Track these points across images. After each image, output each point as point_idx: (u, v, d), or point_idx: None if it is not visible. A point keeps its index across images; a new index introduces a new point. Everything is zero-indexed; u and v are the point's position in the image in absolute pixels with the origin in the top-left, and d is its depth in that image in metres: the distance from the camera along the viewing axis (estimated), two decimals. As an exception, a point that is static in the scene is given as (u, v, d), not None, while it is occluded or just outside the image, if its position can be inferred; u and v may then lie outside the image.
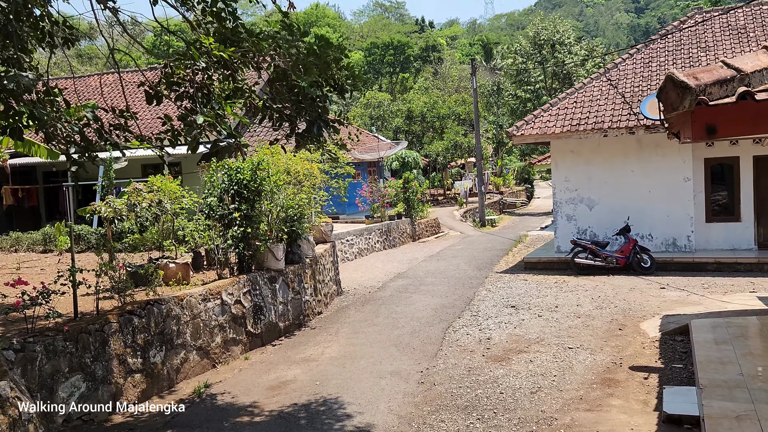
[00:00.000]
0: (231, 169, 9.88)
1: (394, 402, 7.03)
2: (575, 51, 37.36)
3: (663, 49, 16.31)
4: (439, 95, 40.54)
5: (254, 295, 9.74)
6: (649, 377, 7.39)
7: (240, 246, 9.80)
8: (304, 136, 5.83)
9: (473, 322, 10.46)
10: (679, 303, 11.04)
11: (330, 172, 13.19)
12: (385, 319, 10.96)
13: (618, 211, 15.14)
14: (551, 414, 6.45)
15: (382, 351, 9.06)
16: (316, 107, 5.66)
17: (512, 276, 14.63)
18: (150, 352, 7.60)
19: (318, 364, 8.59)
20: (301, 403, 7.12)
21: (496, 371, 7.88)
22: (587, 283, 13.20)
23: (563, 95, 16.18)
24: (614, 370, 7.72)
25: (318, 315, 11.70)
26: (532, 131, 15.34)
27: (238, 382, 8.04)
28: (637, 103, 14.71)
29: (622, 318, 10.20)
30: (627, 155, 15.19)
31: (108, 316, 7.13)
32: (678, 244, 14.83)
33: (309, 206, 11.28)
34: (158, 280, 8.74)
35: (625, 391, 7.00)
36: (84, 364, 6.68)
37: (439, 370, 8.06)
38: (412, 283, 14.26)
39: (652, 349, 8.48)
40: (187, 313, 8.31)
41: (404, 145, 30.06)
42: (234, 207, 9.75)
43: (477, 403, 6.87)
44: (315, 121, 5.67)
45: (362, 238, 19.80)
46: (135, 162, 19.26)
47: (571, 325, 9.95)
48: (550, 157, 30.67)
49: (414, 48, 74.83)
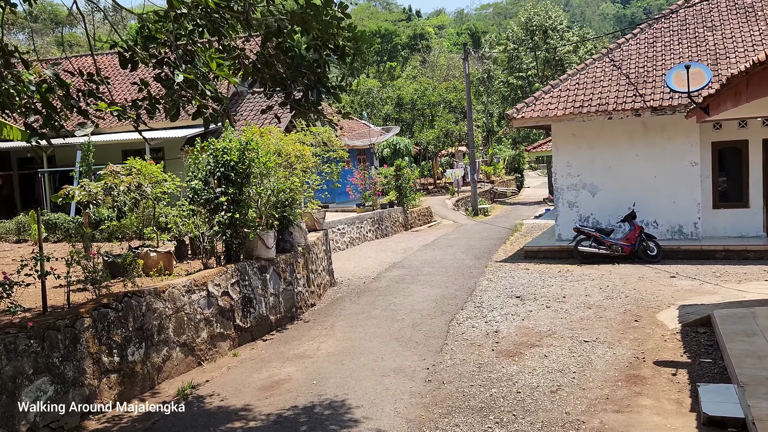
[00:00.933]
0: (217, 149, 9.10)
1: (401, 403, 6.35)
2: (567, 37, 36.72)
3: (667, 29, 15.68)
4: (430, 82, 39.72)
5: (243, 286, 8.99)
6: (677, 373, 6.77)
7: (227, 233, 9.04)
8: (301, 104, 5.09)
9: (478, 313, 9.81)
10: (693, 292, 10.46)
11: (322, 156, 12.42)
12: (383, 312, 10.27)
13: (622, 197, 14.54)
14: (577, 416, 5.80)
15: (382, 346, 8.37)
16: (314, 70, 4.93)
17: (513, 265, 14.00)
18: (128, 350, 6.84)
19: (314, 361, 7.88)
20: (300, 406, 6.41)
21: (509, 368, 7.23)
22: (592, 272, 12.60)
23: (564, 76, 15.52)
24: (638, 365, 7.10)
25: (311, 307, 10.98)
26: (532, 114, 14.67)
27: (226, 382, 7.31)
28: (642, 84, 14.09)
29: (636, 308, 9.60)
30: (632, 139, 14.58)
31: (80, 311, 6.36)
32: (684, 232, 14.27)
33: (301, 191, 10.52)
34: (137, 270, 7.97)
35: (654, 389, 6.37)
36: (52, 364, 5.91)
37: (446, 367, 7.39)
38: (409, 273, 13.58)
39: (674, 342, 7.87)
40: (169, 307, 7.55)
41: (396, 131, 29.28)
42: (220, 191, 8.98)
43: (493, 404, 6.21)
44: (314, 86, 4.93)
45: (354, 226, 19.08)
46: (115, 147, 18.37)
47: (582, 316, 9.32)
48: (545, 144, 30.22)
49: (402, 36, 73.81)
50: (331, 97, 5.12)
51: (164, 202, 9.98)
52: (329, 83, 5.06)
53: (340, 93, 5.12)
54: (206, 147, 9.30)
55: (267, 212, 9.76)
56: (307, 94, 4.99)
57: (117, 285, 7.82)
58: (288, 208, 10.16)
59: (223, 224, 8.95)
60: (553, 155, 15.67)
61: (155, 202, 9.64)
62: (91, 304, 6.63)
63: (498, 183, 39.64)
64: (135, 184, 9.18)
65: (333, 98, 5.15)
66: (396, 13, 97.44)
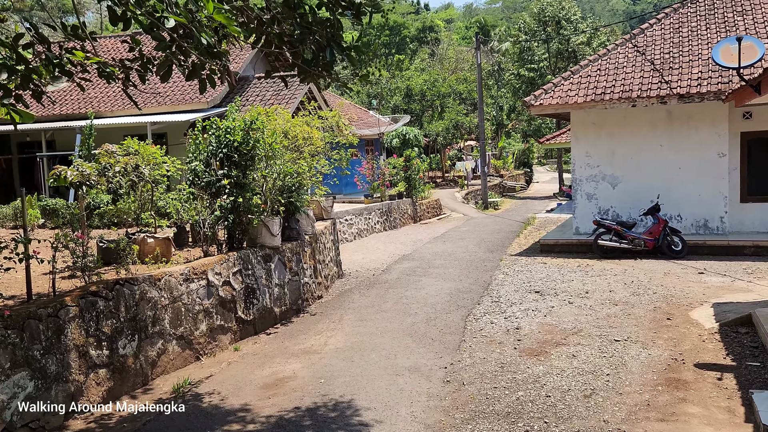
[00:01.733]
0: (220, 128, 8.48)
1: (418, 406, 5.74)
2: (581, 28, 35.88)
3: (694, 14, 14.95)
4: (439, 73, 38.94)
5: (246, 276, 8.39)
6: (722, 378, 6.13)
7: (229, 218, 8.43)
8: (312, 65, 4.45)
9: (496, 308, 9.18)
10: (726, 290, 9.80)
11: (331, 141, 11.77)
12: (394, 305, 9.65)
13: (643, 189, 13.85)
14: (617, 425, 5.17)
15: (395, 342, 7.76)
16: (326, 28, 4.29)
17: (529, 259, 13.35)
18: (119, 343, 6.25)
19: (321, 357, 7.27)
20: (304, 407, 5.81)
21: (535, 368, 6.60)
22: (614, 267, 11.94)
23: (585, 62, 14.80)
24: (677, 368, 6.46)
25: (318, 299, 10.37)
26: (551, 101, 13.98)
27: (226, 379, 6.71)
28: (668, 71, 13.39)
29: (666, 306, 8.95)
30: (655, 128, 13.88)
31: (65, 299, 5.77)
32: (710, 226, 13.58)
33: (309, 175, 9.89)
34: (132, 256, 7.37)
35: (699, 395, 5.73)
36: (32, 357, 5.32)
37: (465, 366, 6.77)
38: (420, 266, 12.95)
39: (713, 343, 7.22)
40: (165, 296, 6.95)
41: (406, 120, 28.56)
42: (223, 173, 8.36)
43: (520, 408, 5.59)
44: (327, 44, 4.29)
45: (362, 217, 18.45)
46: (117, 131, 17.76)
47: (609, 313, 8.68)
48: (558, 136, 29.46)
49: (410, 29, 72.91)
50: (346, 59, 4.48)
51: (163, 185, 9.38)
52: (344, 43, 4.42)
53: (356, 56, 4.48)
54: (208, 126, 8.68)
55: (272, 197, 9.14)
56: (318, 55, 4.36)
57: (111, 273, 7.24)
58: (295, 193, 9.54)
59: (225, 209, 8.34)
60: (572, 145, 14.98)
61: (153, 185, 9.03)
62: (78, 291, 6.04)
63: (507, 177, 38.88)
64: (132, 166, 8.57)
65: (348, 60, 4.52)
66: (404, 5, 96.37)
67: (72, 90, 18.49)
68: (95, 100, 17.76)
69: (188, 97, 16.81)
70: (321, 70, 4.50)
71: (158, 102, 16.88)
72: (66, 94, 18.42)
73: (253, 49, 4.74)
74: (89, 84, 13.10)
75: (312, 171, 10.04)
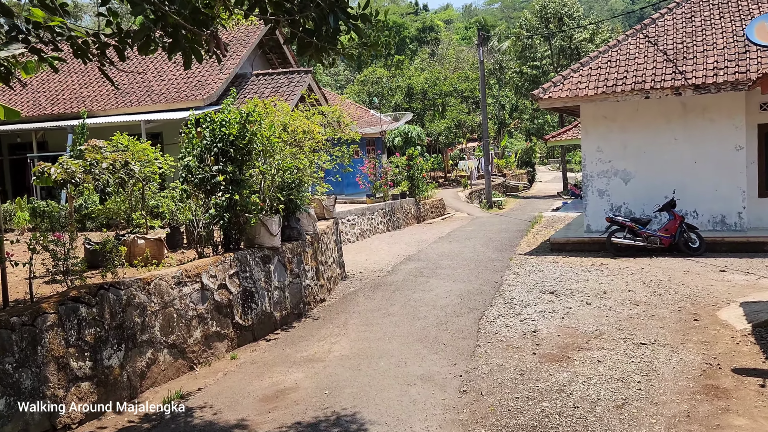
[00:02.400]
0: (214, 121, 7.95)
1: (433, 420, 5.19)
2: (584, 24, 35.38)
3: (706, 3, 14.41)
4: (441, 71, 38.41)
5: (243, 278, 7.85)
6: (765, 384, 5.59)
7: (225, 217, 7.89)
8: (313, 35, 3.92)
9: (510, 311, 8.64)
10: (752, 288, 9.26)
11: (332, 138, 11.23)
12: (401, 308, 9.11)
13: (657, 184, 13.31)
14: (657, 440, 4.63)
15: (404, 348, 7.21)
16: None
17: (540, 258, 12.81)
18: (103, 353, 5.71)
19: (325, 366, 6.73)
20: (306, 422, 5.26)
21: (558, 375, 6.06)
22: (630, 266, 11.40)
23: (595, 54, 14.27)
24: (713, 373, 5.92)
25: (321, 303, 9.83)
26: (561, 93, 13.45)
27: (222, 391, 6.17)
28: (682, 61, 12.85)
29: (691, 306, 8.41)
30: (669, 121, 13.34)
31: (42, 305, 5.23)
32: (727, 222, 13.03)
33: (309, 171, 9.35)
34: (119, 259, 6.83)
35: (743, 404, 5.19)
36: (3, 371, 4.78)
37: (482, 374, 6.23)
38: (427, 267, 12.41)
39: (748, 345, 6.67)
40: (155, 301, 6.41)
41: (408, 117, 28.02)
42: (218, 169, 7.82)
43: (547, 422, 5.04)
44: (331, 10, 3.76)
45: (364, 218, 17.92)
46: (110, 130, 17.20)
47: (630, 314, 8.14)
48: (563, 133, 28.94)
49: (410, 29, 72.36)
50: (351, 27, 3.94)
51: (155, 183, 8.85)
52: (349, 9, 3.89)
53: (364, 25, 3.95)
54: (202, 120, 8.14)
55: (271, 195, 8.60)
56: (321, 26, 3.83)
57: (97, 277, 6.71)
58: (295, 190, 9.00)
59: (220, 207, 7.81)
60: (582, 140, 14.44)
61: (144, 184, 8.50)
62: (57, 297, 5.50)
63: (510, 176, 38.36)
64: (121, 162, 8.03)
65: (354, 31, 3.99)
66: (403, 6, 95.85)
67: (64, 89, 17.97)
68: (88, 99, 17.23)
69: (183, 94, 16.29)
70: (324, 43, 3.96)
71: (153, 100, 16.37)
72: (58, 94, 17.90)
73: (245, 19, 4.25)
74: (82, 83, 12.64)
75: (313, 167, 9.51)
